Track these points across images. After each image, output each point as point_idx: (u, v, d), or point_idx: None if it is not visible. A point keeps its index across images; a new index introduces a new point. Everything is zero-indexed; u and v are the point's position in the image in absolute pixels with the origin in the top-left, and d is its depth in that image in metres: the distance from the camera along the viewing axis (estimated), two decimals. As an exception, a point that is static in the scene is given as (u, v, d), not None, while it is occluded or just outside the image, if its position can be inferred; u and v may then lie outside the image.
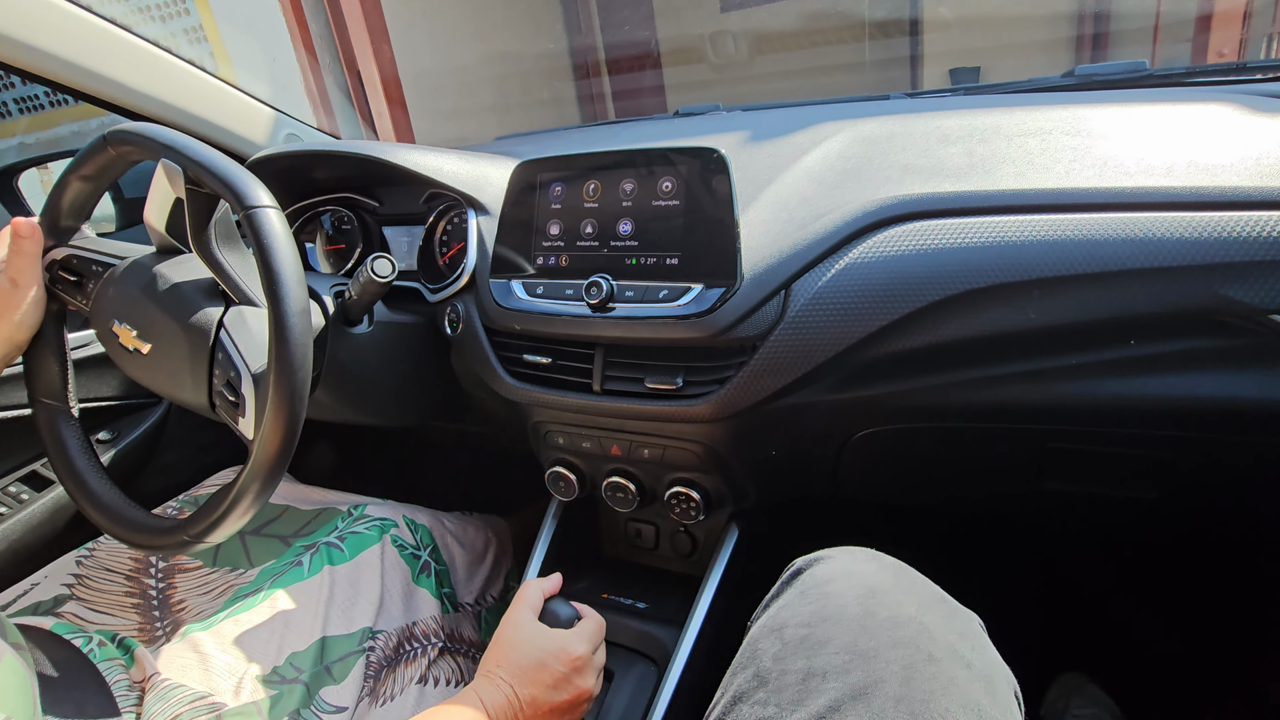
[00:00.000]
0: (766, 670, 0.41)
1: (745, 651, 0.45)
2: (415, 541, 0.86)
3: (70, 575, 0.78)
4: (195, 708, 0.58)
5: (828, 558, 0.48)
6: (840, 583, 0.44)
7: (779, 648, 0.42)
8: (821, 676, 0.39)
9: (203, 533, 0.63)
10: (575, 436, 0.80)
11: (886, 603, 0.42)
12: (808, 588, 0.45)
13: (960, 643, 0.41)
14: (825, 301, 0.64)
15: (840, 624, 0.41)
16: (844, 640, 0.40)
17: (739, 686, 0.42)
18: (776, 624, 0.44)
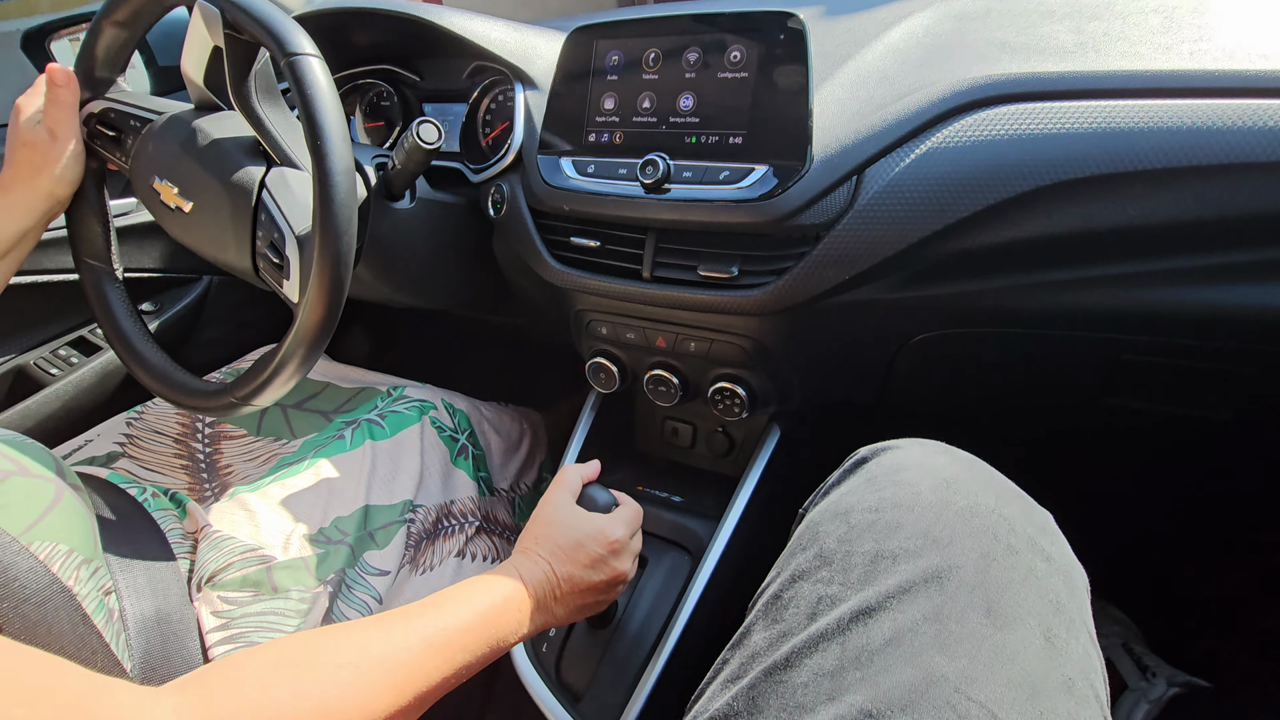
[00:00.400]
0: (830, 551, 0.40)
1: (804, 534, 0.43)
2: (453, 425, 0.86)
3: (121, 435, 0.80)
4: (246, 558, 0.60)
5: (897, 447, 0.45)
6: (912, 472, 0.42)
7: (844, 530, 0.40)
8: (891, 559, 0.37)
9: (249, 395, 0.63)
10: (619, 327, 0.78)
11: (963, 492, 0.40)
12: (875, 475, 0.43)
13: (1040, 536, 0.39)
14: (901, 190, 0.59)
15: (913, 511, 0.39)
16: (917, 526, 0.38)
17: (798, 566, 0.41)
18: (841, 508, 0.42)
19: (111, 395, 0.95)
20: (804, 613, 0.38)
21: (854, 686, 0.33)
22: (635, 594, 0.73)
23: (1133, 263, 0.56)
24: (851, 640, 0.35)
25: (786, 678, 0.35)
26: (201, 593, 0.57)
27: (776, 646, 0.37)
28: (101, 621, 0.48)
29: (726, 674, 0.39)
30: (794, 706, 0.34)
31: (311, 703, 0.38)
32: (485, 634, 0.48)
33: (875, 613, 0.35)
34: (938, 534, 0.38)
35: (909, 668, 0.33)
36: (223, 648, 0.55)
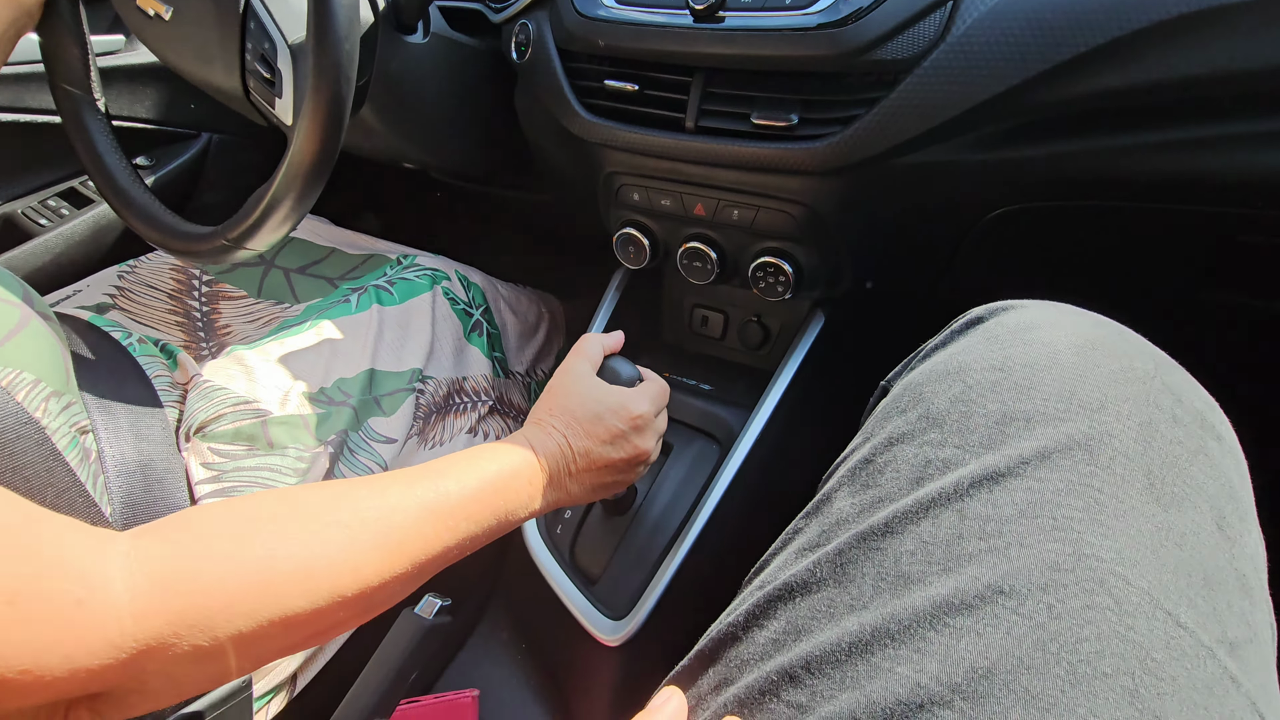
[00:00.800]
0: (940, 411, 0.32)
1: (901, 397, 0.36)
2: (467, 299, 0.80)
3: (112, 287, 0.75)
4: (239, 410, 0.55)
5: (1020, 306, 0.37)
6: (1046, 331, 0.34)
7: (959, 390, 0.33)
8: (1025, 421, 0.30)
9: (241, 237, 0.56)
10: (653, 192, 0.69)
11: (1113, 355, 0.32)
12: (997, 334, 0.35)
13: (1209, 412, 0.32)
14: (1005, 19, 0.49)
15: (1050, 371, 0.32)
16: (1056, 388, 0.31)
17: (896, 429, 0.34)
18: (952, 367, 0.34)
19: (105, 252, 0.90)
20: (906, 477, 0.31)
21: (978, 558, 0.27)
22: (657, 481, 0.68)
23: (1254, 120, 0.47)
24: (973, 508, 0.28)
25: (886, 545, 0.29)
26: (190, 443, 0.53)
27: (871, 512, 0.31)
28: (75, 459, 0.43)
29: (802, 542, 0.33)
30: (896, 576, 0.28)
31: (291, 562, 0.33)
32: (492, 504, 0.43)
33: (1004, 479, 0.29)
34: (1085, 397, 0.30)
35: (1051, 542, 0.27)
36: (214, 500, 0.51)
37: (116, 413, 0.49)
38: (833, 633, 0.28)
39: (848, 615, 0.28)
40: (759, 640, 0.30)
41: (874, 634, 0.27)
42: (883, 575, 0.28)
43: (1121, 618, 0.25)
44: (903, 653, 0.26)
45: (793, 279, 0.66)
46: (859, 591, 0.29)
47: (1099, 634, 0.25)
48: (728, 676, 0.30)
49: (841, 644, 0.27)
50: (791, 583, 0.31)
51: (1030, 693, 0.24)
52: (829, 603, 0.29)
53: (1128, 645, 0.24)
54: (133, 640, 0.28)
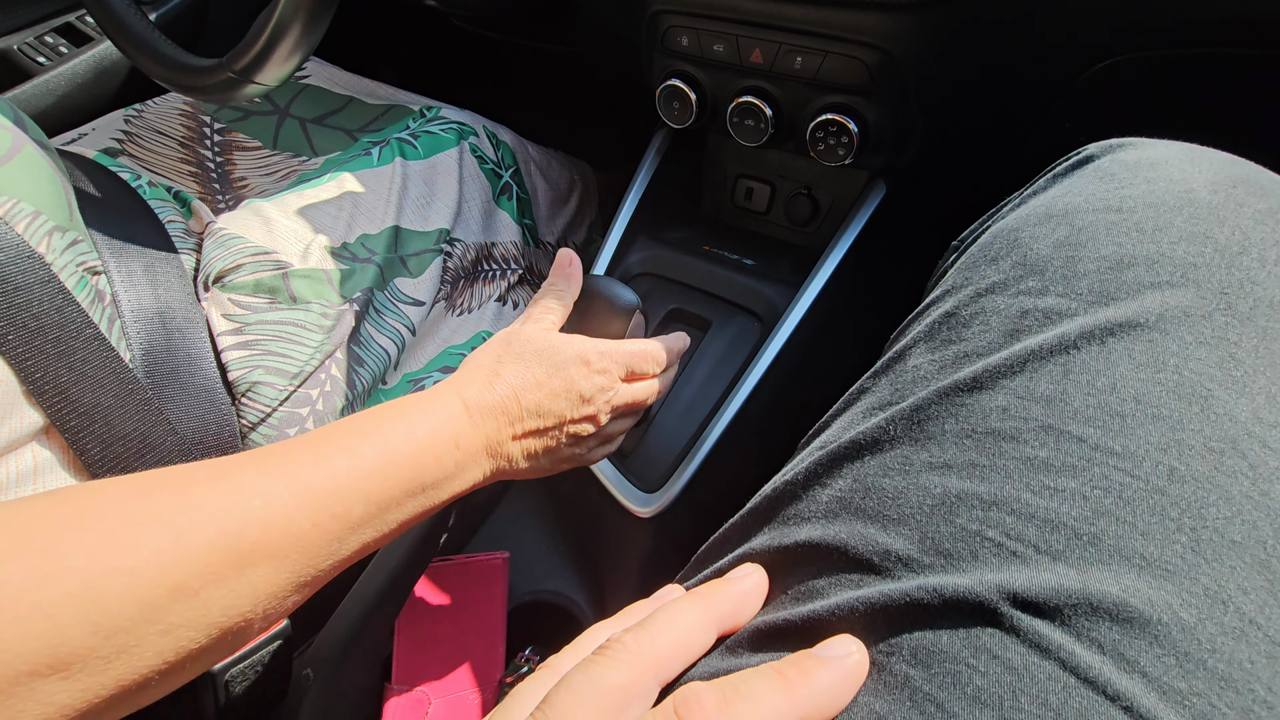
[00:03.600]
0: (1041, 257, 0.28)
1: (993, 244, 0.30)
2: (496, 158, 0.74)
3: (119, 131, 0.70)
4: (259, 260, 0.52)
5: (1147, 144, 0.31)
6: (1176, 168, 0.29)
7: (1066, 233, 0.28)
8: (1146, 265, 0.26)
9: (248, 68, 0.51)
10: (705, 35, 0.61)
11: (1260, 195, 0.27)
12: (1113, 172, 0.30)
13: None
14: None
15: (1182, 212, 0.27)
16: (1188, 228, 0.26)
17: (985, 279, 0.29)
18: (1058, 209, 0.29)
19: (111, 96, 0.84)
20: (999, 330, 0.27)
21: (1085, 415, 0.23)
22: (695, 356, 0.65)
23: None
24: (1081, 361, 0.24)
25: (973, 401, 0.25)
26: (209, 293, 0.50)
27: (956, 368, 0.27)
28: (86, 301, 0.41)
29: (870, 401, 0.29)
30: (985, 433, 0.24)
31: (75, 580, 0.23)
32: (399, 479, 0.33)
33: (1120, 330, 0.24)
34: (1223, 240, 0.26)
35: (1175, 399, 0.23)
36: (238, 353, 0.49)
37: (129, 255, 0.46)
38: (911, 491, 0.24)
39: (926, 473, 0.25)
40: (821, 499, 0.27)
41: (959, 495, 0.23)
42: (968, 432, 0.25)
43: (1255, 482, 0.22)
44: (992, 515, 0.23)
45: (857, 141, 0.59)
46: (940, 450, 0.25)
47: (1228, 499, 0.21)
48: (784, 535, 0.27)
49: (923, 505, 0.24)
50: (859, 440, 0.27)
51: (1146, 559, 0.21)
52: (904, 460, 0.25)
53: (1262, 512, 0.21)
54: None
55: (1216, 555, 0.21)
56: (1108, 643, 0.20)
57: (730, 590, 0.26)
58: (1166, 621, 0.20)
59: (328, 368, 0.52)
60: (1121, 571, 0.21)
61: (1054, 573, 0.21)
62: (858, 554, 0.24)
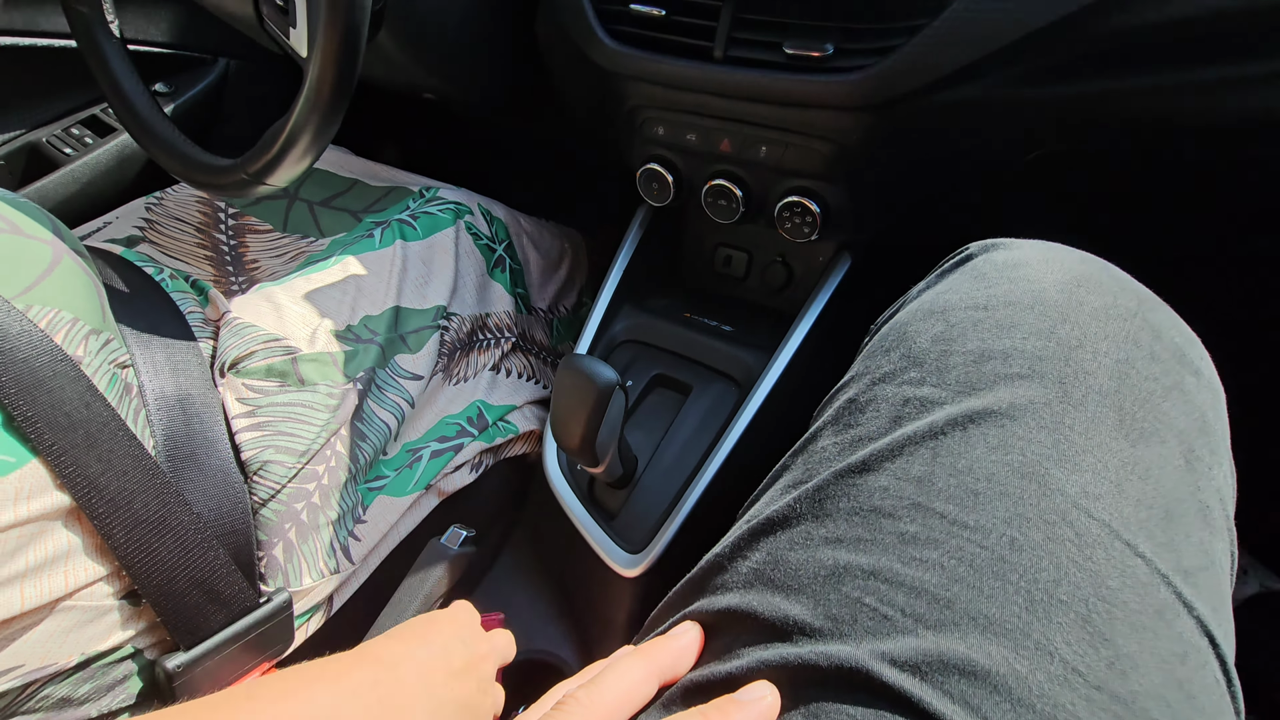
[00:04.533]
0: (921, 350, 0.33)
1: (888, 335, 0.36)
2: (490, 233, 0.79)
3: (141, 219, 0.75)
4: (270, 347, 0.56)
5: (1013, 244, 0.37)
6: (1034, 268, 0.34)
7: (941, 329, 0.33)
8: (1002, 359, 0.31)
9: (262, 171, 0.56)
10: (678, 127, 0.67)
11: (1098, 292, 0.32)
12: (984, 271, 0.35)
13: (1189, 348, 0.32)
14: (1065, -63, 0.45)
15: (1033, 310, 0.32)
16: (1037, 325, 0.31)
17: (879, 368, 0.34)
18: (937, 306, 0.35)
19: (131, 182, 0.90)
20: (886, 416, 0.32)
21: (947, 494, 0.28)
22: (676, 421, 0.69)
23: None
24: (947, 445, 0.29)
25: (862, 481, 0.30)
26: (225, 378, 0.54)
27: (851, 450, 0.32)
28: (115, 395, 0.45)
29: (787, 479, 0.34)
30: (869, 510, 0.29)
31: None
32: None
33: (979, 418, 0.29)
34: (1065, 335, 0.31)
35: (1018, 478, 0.28)
36: (250, 434, 0.53)
37: (154, 346, 0.51)
38: (809, 564, 0.29)
39: (823, 547, 0.29)
40: (742, 570, 0.32)
41: (846, 567, 0.28)
42: (857, 510, 0.30)
43: (1081, 549, 0.26)
44: (870, 584, 0.27)
45: (820, 219, 0.64)
46: (834, 526, 0.30)
47: (1057, 564, 0.26)
48: (712, 602, 0.32)
49: (818, 576, 0.29)
50: (774, 517, 0.32)
51: (989, 619, 0.25)
52: (806, 535, 0.30)
53: (1084, 574, 0.26)
54: None
55: (1046, 613, 0.25)
56: (957, 693, 0.24)
57: (669, 645, 0.31)
58: (1004, 673, 0.24)
59: (333, 444, 0.56)
60: (969, 631, 0.25)
61: (917, 635, 0.25)
62: (767, 620, 0.29)
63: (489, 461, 0.72)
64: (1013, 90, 0.52)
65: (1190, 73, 0.48)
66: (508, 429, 0.73)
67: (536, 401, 0.79)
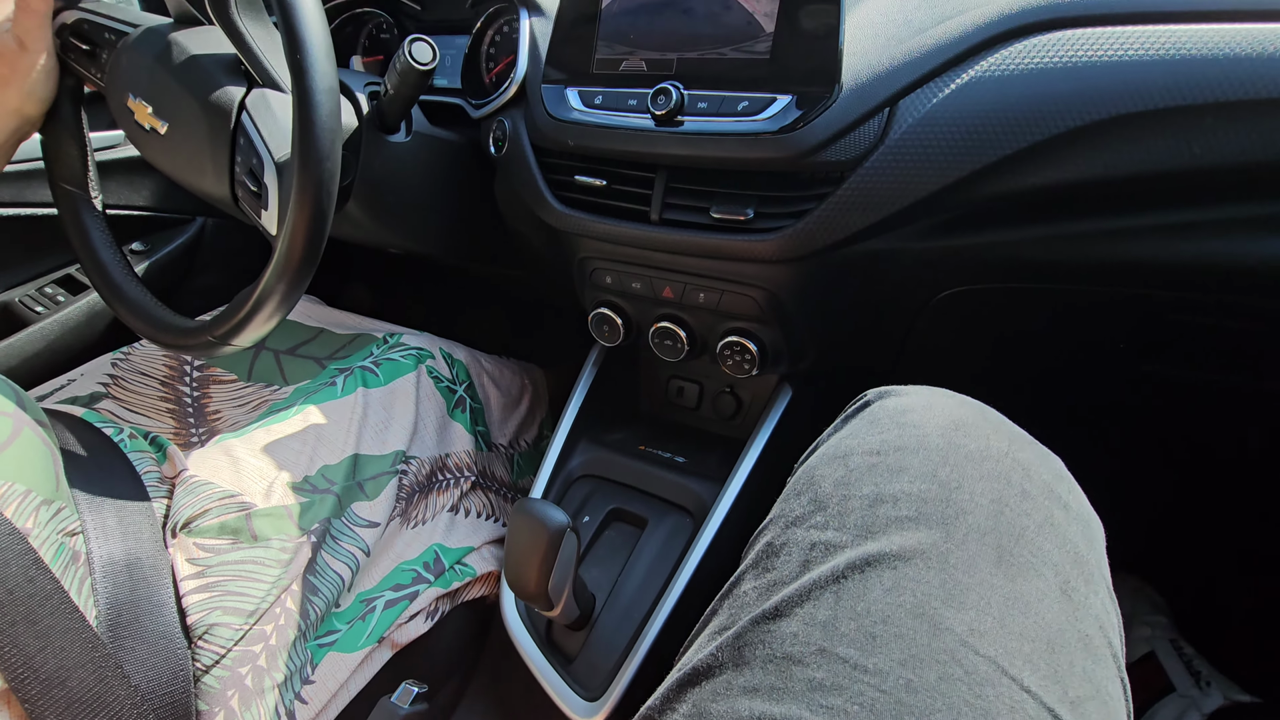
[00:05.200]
0: (825, 495, 0.36)
1: (800, 479, 0.40)
2: (451, 375, 0.83)
3: (105, 375, 0.77)
4: (225, 504, 0.57)
5: (902, 392, 0.42)
6: (918, 414, 0.38)
7: (842, 474, 0.37)
8: (893, 502, 0.34)
9: (228, 334, 0.59)
10: (624, 276, 0.73)
11: (973, 435, 0.37)
12: (878, 418, 0.40)
13: (1056, 483, 0.36)
14: (938, 124, 0.54)
15: (918, 454, 0.36)
16: (922, 469, 0.35)
17: (792, 512, 0.37)
18: (839, 451, 0.39)
19: (99, 336, 0.92)
20: (797, 561, 0.34)
21: (849, 638, 0.30)
22: (632, 557, 0.69)
23: (1194, 209, 0.51)
24: (848, 589, 0.31)
25: (775, 627, 0.32)
26: (176, 539, 0.54)
27: (766, 596, 0.34)
28: (61, 566, 0.45)
29: (714, 625, 0.36)
30: (781, 657, 0.31)
31: None
32: None
33: (875, 560, 0.32)
34: (945, 477, 0.34)
35: (911, 619, 0.30)
36: (198, 596, 0.52)
37: (105, 510, 0.51)
38: (729, 715, 0.30)
39: (741, 697, 0.31)
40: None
41: (761, 717, 0.29)
42: (771, 657, 0.31)
43: (971, 687, 0.28)
44: None
45: (757, 357, 0.69)
46: (751, 674, 0.31)
47: (950, 704, 0.27)
48: None
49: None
50: (699, 667, 0.33)
51: None
52: (727, 685, 0.32)
53: (976, 713, 0.27)
54: None
55: None
56: None
57: None
58: None
59: (283, 601, 0.56)
60: None
61: None
62: None
63: (445, 608, 0.71)
64: (913, 243, 0.59)
65: (1058, 226, 0.55)
66: (465, 572, 0.72)
67: (495, 541, 0.79)
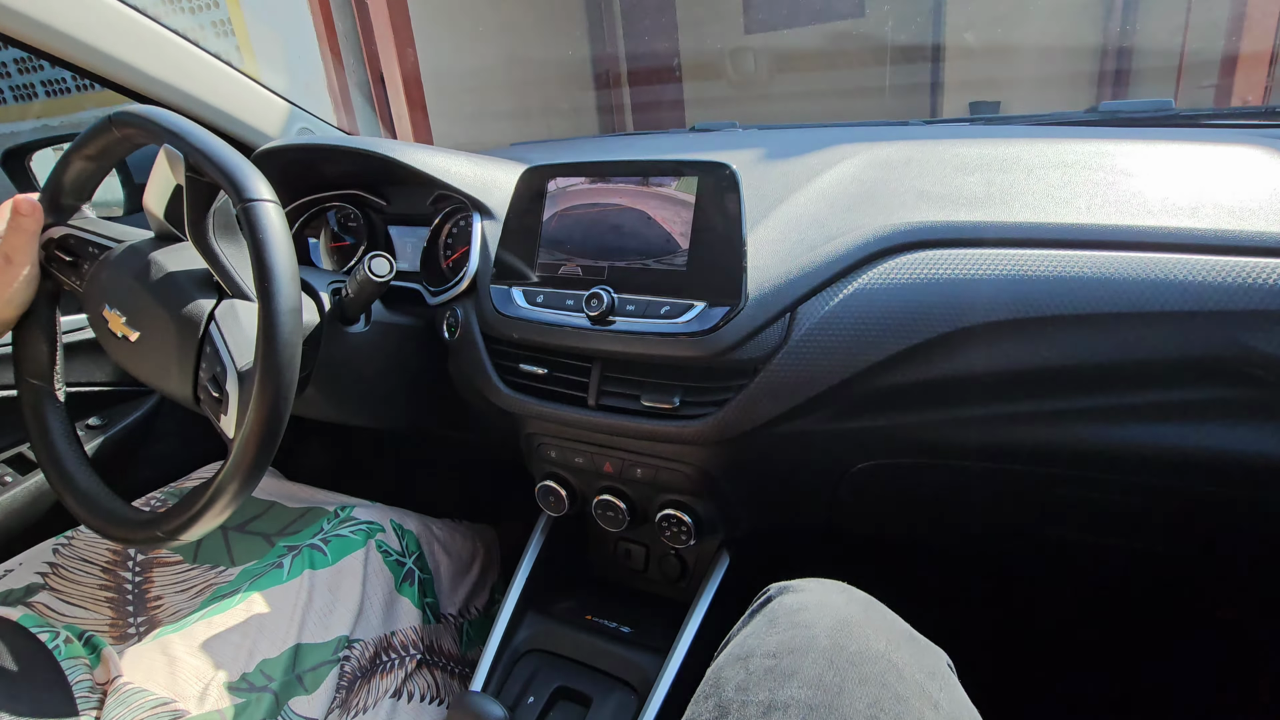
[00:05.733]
0: (729, 700, 0.40)
1: (709, 680, 0.43)
2: (401, 548, 0.84)
3: (45, 564, 0.76)
4: (157, 714, 0.56)
5: (800, 588, 0.47)
6: (811, 613, 0.43)
7: (743, 677, 0.41)
8: (784, 710, 0.38)
9: (177, 530, 0.61)
10: (568, 451, 0.78)
11: (856, 636, 0.41)
12: (777, 616, 0.44)
13: (929, 682, 0.40)
14: (832, 327, 0.62)
15: (807, 656, 0.40)
16: (810, 673, 0.39)
17: (703, 715, 0.40)
18: (743, 652, 0.43)
19: (43, 517, 0.92)
20: None
21: None
22: (578, 738, 0.69)
23: (1050, 400, 0.59)
24: None
25: None
26: (103, 753, 0.53)
27: None
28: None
29: None
30: None
31: None
32: None
33: None
34: (829, 681, 0.39)
35: None
36: (118, 818, 0.50)
37: (30, 730, 0.50)
38: None
39: None
40: None
41: None
42: None
43: None
44: None
45: (693, 528, 0.73)
46: None
47: None
48: None
49: None
50: None
51: None
52: None
53: None
54: None
55: None
56: None
57: None
58: None
59: (209, 817, 0.54)
60: None
61: None
62: None
63: (385, 805, 0.68)
64: (823, 425, 0.66)
65: (943, 412, 0.63)
66: (407, 763, 0.70)
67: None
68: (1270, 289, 0.51)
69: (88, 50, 0.89)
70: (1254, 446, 0.53)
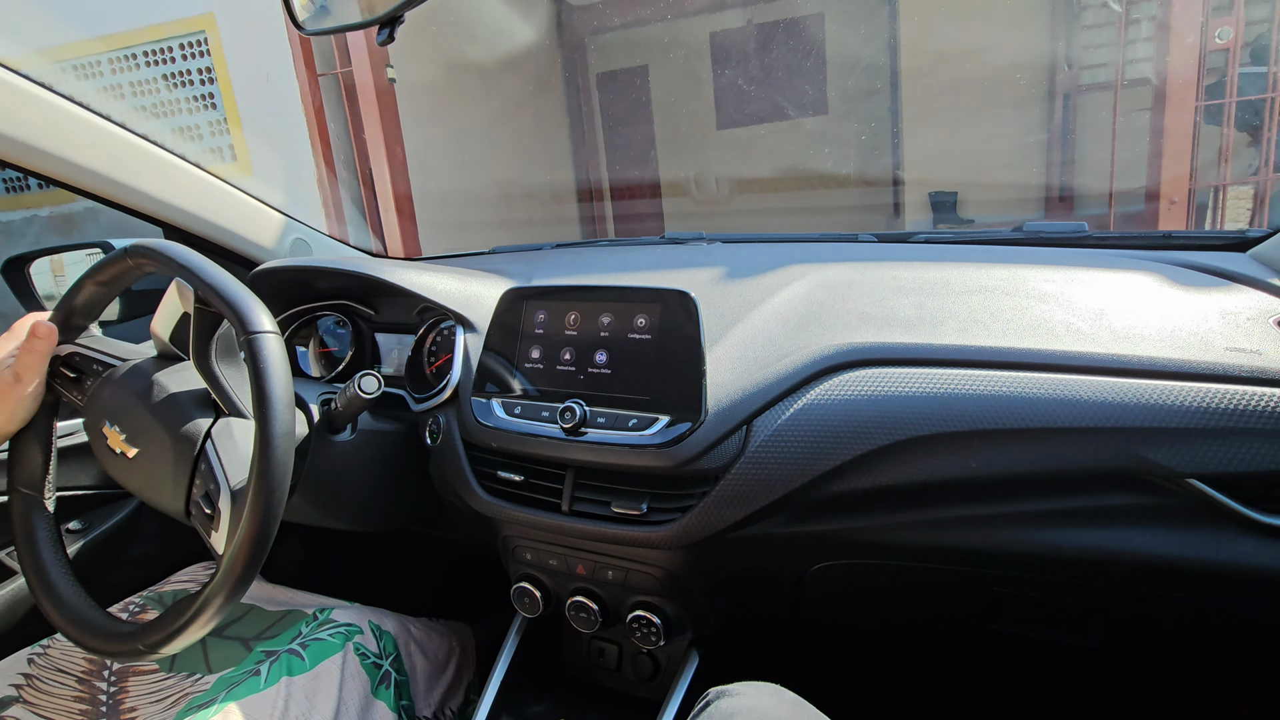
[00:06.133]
0: None
1: None
2: (379, 650, 0.86)
3: (20, 675, 0.77)
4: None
5: (735, 692, 0.53)
6: (742, 717, 0.49)
7: None
8: None
9: (158, 643, 0.63)
10: (542, 553, 0.82)
11: None
12: None
13: None
14: (784, 439, 0.68)
15: None
16: None
17: None
18: None
19: (20, 623, 0.92)
20: None
21: None
22: None
23: (981, 506, 0.65)
24: None
25: None
26: None
27: None
28: None
29: None
30: None
31: None
32: None
33: None
34: None
35: None
36: None
37: None
38: None
39: None
40: None
41: None
42: None
43: None
44: None
45: (662, 628, 0.76)
46: None
47: None
48: None
49: None
50: None
51: None
52: None
53: None
54: None
55: None
56: None
57: None
58: None
59: None
60: None
61: None
62: None
63: None
64: (781, 529, 0.71)
65: (889, 517, 0.68)
66: None
67: (411, 837, 0.77)
68: (1160, 408, 0.58)
69: (94, 176, 0.96)
70: (1153, 548, 0.59)
